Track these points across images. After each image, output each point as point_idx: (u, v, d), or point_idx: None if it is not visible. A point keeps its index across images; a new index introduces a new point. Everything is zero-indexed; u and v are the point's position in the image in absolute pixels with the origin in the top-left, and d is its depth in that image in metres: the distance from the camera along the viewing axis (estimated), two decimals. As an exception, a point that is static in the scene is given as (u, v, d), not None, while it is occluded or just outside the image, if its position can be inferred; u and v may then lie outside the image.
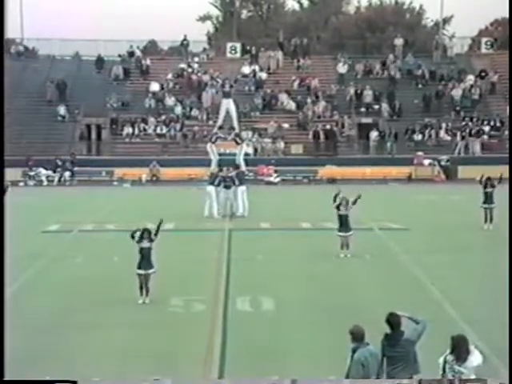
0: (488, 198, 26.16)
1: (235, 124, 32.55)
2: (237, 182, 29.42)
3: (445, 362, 10.21)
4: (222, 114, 32.63)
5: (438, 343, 10.63)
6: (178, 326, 15.33)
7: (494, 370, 11.90)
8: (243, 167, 31.55)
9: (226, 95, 32.43)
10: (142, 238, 16.83)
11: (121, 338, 14.73)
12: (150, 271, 16.79)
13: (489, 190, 26.22)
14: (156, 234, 17.05)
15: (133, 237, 16.92)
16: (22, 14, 60.39)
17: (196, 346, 14.05)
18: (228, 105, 32.43)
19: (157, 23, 79.41)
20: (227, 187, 29.28)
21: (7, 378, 11.70)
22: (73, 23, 72.68)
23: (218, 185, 29.39)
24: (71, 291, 18.10)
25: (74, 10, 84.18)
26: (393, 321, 10.37)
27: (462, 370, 9.62)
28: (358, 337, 10.35)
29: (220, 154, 31.54)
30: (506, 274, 19.19)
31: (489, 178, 26.56)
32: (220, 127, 32.86)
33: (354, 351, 10.39)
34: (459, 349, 9.73)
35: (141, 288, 16.75)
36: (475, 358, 9.91)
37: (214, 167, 30.98)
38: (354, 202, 21.87)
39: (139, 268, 16.79)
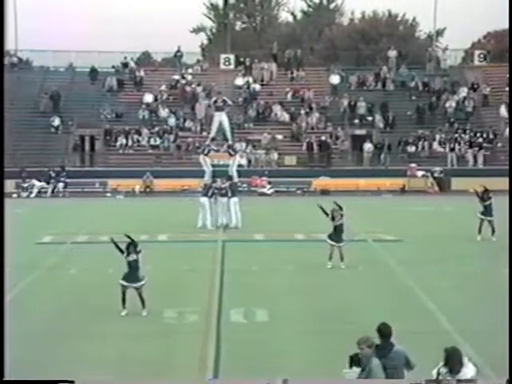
0: (487, 210, 26.18)
1: (228, 136, 32.71)
2: (229, 194, 29.47)
3: (438, 374, 10.22)
4: (215, 126, 32.77)
5: (432, 354, 10.62)
6: (171, 337, 15.33)
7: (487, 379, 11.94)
8: (236, 178, 31.64)
9: (219, 109, 32.45)
10: (128, 251, 16.79)
11: (114, 348, 14.71)
12: (138, 284, 16.73)
13: (487, 202, 26.25)
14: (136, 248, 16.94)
15: (122, 252, 16.85)
16: (17, 25, 60.62)
17: (189, 356, 14.04)
18: (221, 117, 32.55)
19: (150, 35, 79.43)
20: (222, 196, 29.33)
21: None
22: (67, 35, 72.57)
23: (211, 196, 29.45)
24: (65, 302, 18.09)
25: (67, 21, 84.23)
26: (384, 330, 10.28)
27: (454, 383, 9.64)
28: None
29: (213, 166, 31.67)
30: (500, 285, 19.24)
31: (486, 190, 26.63)
32: (213, 139, 33.00)
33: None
34: (452, 361, 9.71)
35: (123, 300, 16.65)
36: (469, 370, 9.92)
37: (207, 179, 31.07)
38: (341, 208, 21.82)
39: (124, 279, 16.68)
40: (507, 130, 48.88)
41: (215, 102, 33.28)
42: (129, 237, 17.01)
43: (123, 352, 14.50)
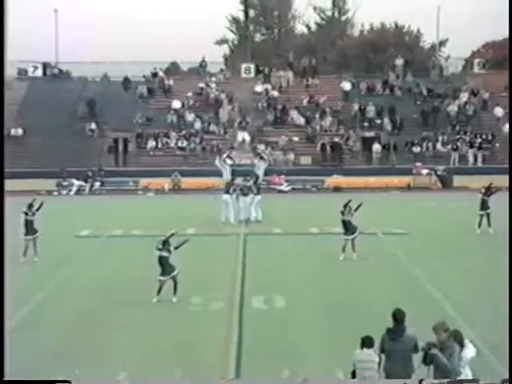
0: (484, 205, 26.13)
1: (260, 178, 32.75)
2: (255, 191, 29.44)
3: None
4: (239, 139, 32.80)
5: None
6: (198, 321, 15.39)
7: (487, 363, 11.88)
8: (261, 179, 31.80)
9: (242, 129, 32.15)
10: (161, 248, 16.87)
11: (147, 331, 14.77)
12: (174, 273, 16.82)
13: (486, 197, 26.21)
14: (176, 249, 17.08)
15: (159, 249, 16.88)
16: (58, 40, 60.91)
17: (215, 340, 14.08)
18: (244, 136, 32.51)
19: (178, 46, 79.42)
20: (245, 195, 29.33)
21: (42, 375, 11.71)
22: (102, 47, 72.80)
23: (233, 193, 29.45)
24: (101, 290, 18.16)
25: (103, 35, 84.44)
26: (398, 316, 10.23)
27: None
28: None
29: (239, 165, 31.78)
30: (500, 274, 19.13)
31: (488, 188, 26.60)
32: (232, 147, 32.99)
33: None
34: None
35: (158, 291, 16.76)
36: (469, 351, 9.88)
37: (226, 178, 31.12)
38: (356, 209, 21.92)
39: (162, 275, 16.82)
40: (503, 129, 48.63)
41: (240, 122, 32.98)
42: (169, 236, 17.10)
43: (156, 334, 14.56)
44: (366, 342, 11.01)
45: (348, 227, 21.58)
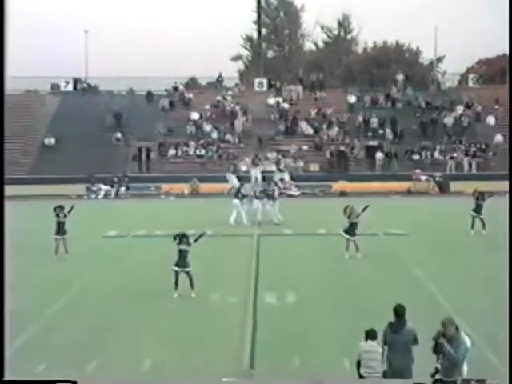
0: (479, 209, 26.10)
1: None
2: (276, 196, 29.51)
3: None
4: (253, 179, 33.12)
5: (434, 330, 10.59)
6: (216, 315, 15.45)
7: (481, 354, 11.90)
8: (278, 186, 32.09)
9: (255, 165, 31.90)
10: (181, 241, 16.98)
11: (169, 323, 14.86)
12: (188, 269, 16.90)
13: (480, 202, 26.17)
14: (195, 241, 17.22)
15: (174, 239, 17.07)
16: (87, 57, 61.36)
17: (231, 331, 14.15)
18: (256, 173, 32.56)
19: (197, 63, 79.78)
20: (268, 197, 29.41)
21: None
22: (127, 64, 73.19)
23: (241, 198, 29.43)
24: (126, 286, 18.22)
25: (128, 53, 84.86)
26: (399, 310, 10.30)
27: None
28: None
29: (263, 172, 32.29)
30: (492, 272, 19.11)
31: (481, 193, 26.56)
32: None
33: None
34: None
35: (176, 283, 16.79)
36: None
37: (233, 185, 31.39)
38: (363, 211, 21.92)
39: (176, 266, 16.88)
40: (495, 138, 48.56)
41: (253, 159, 32.57)
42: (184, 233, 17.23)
43: (177, 326, 14.65)
44: (370, 335, 11.08)
45: (352, 229, 21.58)
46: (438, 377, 10.12)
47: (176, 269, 16.86)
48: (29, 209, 35.10)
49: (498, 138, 48.68)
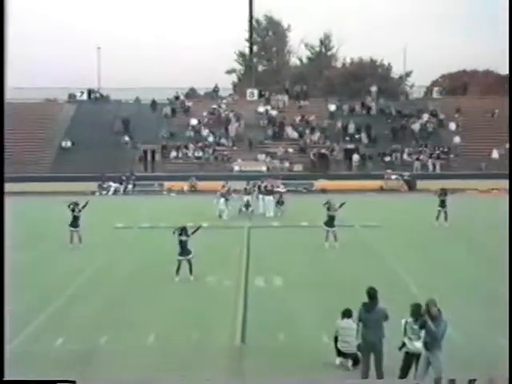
0: (443, 203, 26.21)
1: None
2: (278, 196, 30.34)
3: (406, 323, 10.30)
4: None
5: (404, 312, 10.68)
6: (212, 296, 15.51)
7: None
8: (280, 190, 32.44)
9: (248, 194, 30.87)
10: (181, 233, 17.07)
11: (170, 303, 14.91)
12: (189, 256, 16.98)
13: (443, 197, 26.29)
14: (193, 233, 17.29)
15: (173, 233, 17.17)
16: (100, 70, 61.17)
17: (225, 310, 14.22)
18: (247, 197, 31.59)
19: (196, 75, 79.78)
20: (268, 195, 30.03)
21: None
22: (135, 76, 73.12)
23: (227, 196, 29.33)
24: (134, 271, 18.26)
25: (138, 66, 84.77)
26: (371, 292, 10.39)
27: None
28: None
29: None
30: (452, 256, 19.22)
31: (443, 189, 26.71)
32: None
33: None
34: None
35: (177, 270, 16.89)
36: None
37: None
38: (340, 206, 21.96)
39: (179, 255, 17.00)
40: (453, 139, 48.85)
41: (245, 188, 31.18)
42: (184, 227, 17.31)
43: (177, 306, 14.70)
44: (346, 313, 11.16)
45: (331, 221, 21.62)
46: (403, 350, 10.24)
47: (180, 258, 16.97)
48: (46, 204, 35.05)
49: (456, 139, 49.12)
